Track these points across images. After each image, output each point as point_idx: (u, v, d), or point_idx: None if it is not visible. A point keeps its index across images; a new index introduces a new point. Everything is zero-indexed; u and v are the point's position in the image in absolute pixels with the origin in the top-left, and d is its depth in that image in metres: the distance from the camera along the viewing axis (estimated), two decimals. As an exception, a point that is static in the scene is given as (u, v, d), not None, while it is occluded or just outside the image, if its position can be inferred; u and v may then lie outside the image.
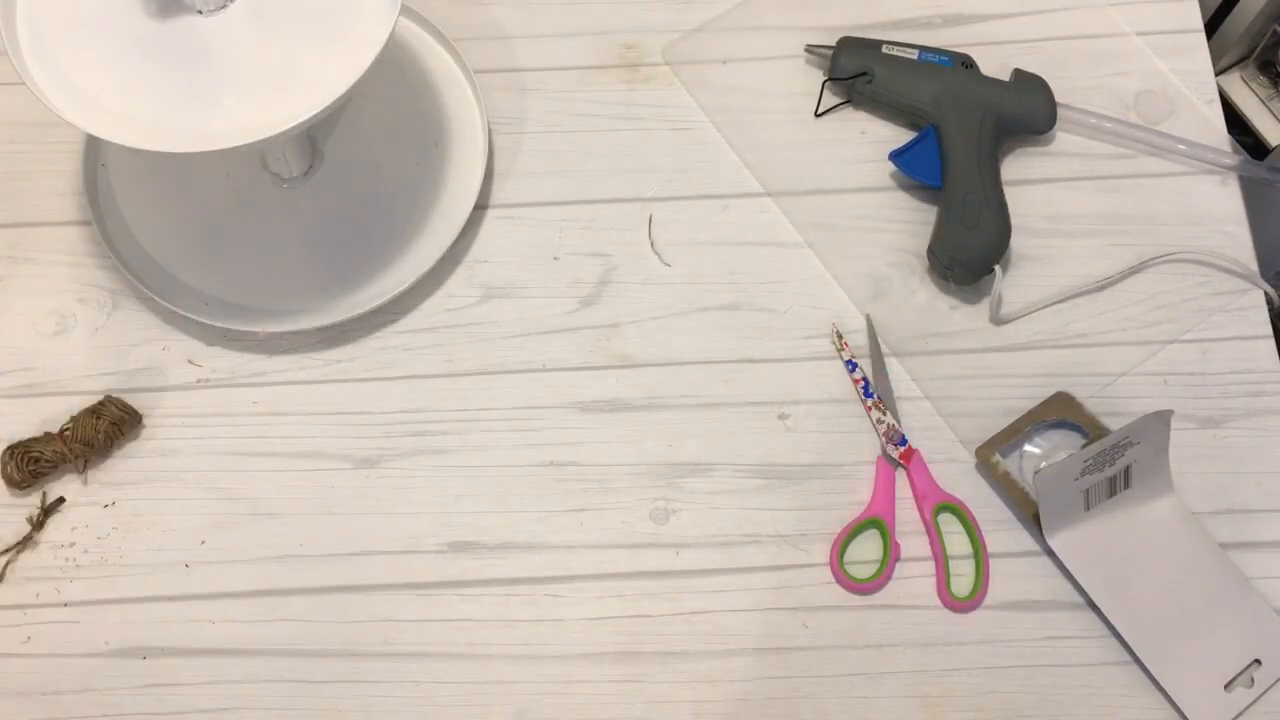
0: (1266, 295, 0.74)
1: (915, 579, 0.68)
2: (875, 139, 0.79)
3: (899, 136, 0.79)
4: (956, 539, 0.68)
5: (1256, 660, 0.65)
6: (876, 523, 0.68)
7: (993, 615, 0.67)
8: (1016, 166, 0.78)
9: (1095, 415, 0.70)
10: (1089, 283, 0.74)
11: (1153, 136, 0.78)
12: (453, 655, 0.66)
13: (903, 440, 0.70)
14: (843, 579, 0.67)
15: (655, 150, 0.79)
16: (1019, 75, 0.78)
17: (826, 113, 0.80)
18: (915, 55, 0.78)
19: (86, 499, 0.69)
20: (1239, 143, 0.80)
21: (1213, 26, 1.10)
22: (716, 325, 0.74)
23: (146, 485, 0.70)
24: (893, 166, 0.76)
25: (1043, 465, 0.69)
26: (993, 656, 0.66)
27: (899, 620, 0.67)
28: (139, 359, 0.73)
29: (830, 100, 0.80)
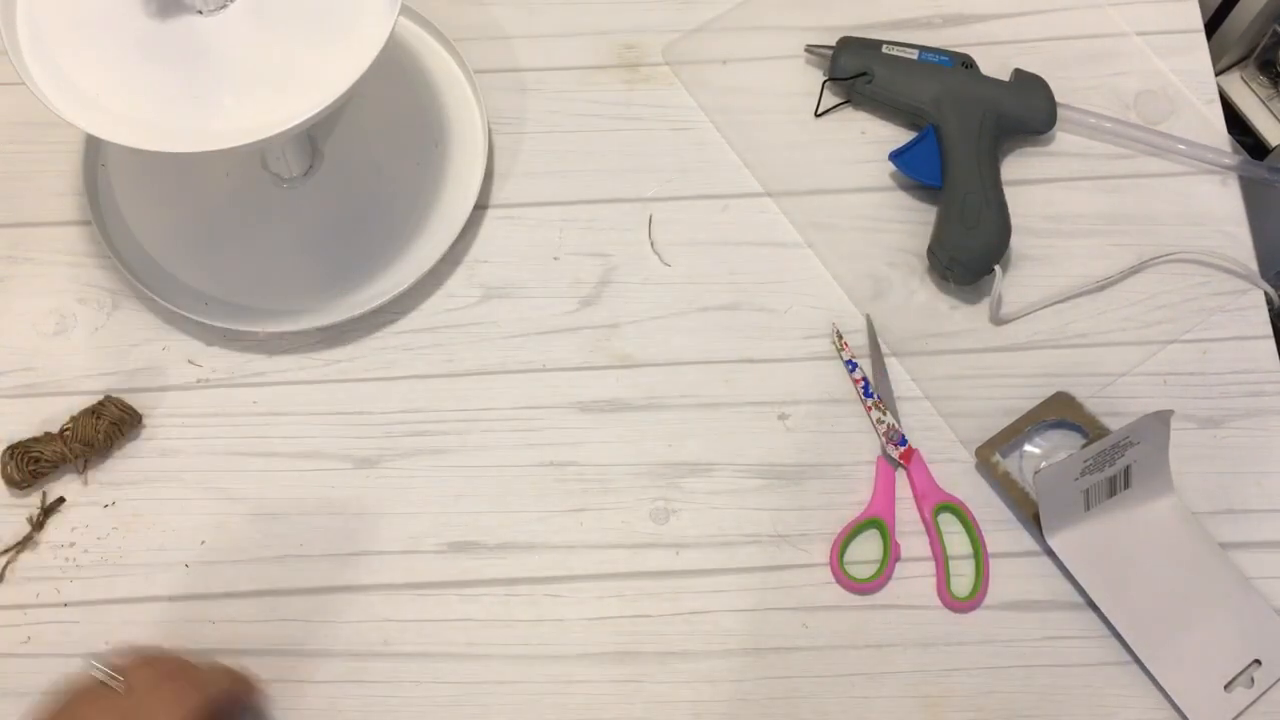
0: (1266, 295, 0.74)
1: (915, 579, 0.68)
2: (875, 139, 0.79)
3: (899, 136, 0.79)
4: (956, 539, 0.68)
5: (1256, 660, 0.65)
6: (876, 523, 0.68)
7: (993, 615, 0.67)
8: (1016, 166, 0.78)
9: (1095, 415, 0.70)
10: (1089, 283, 0.74)
11: (1153, 136, 0.78)
12: (453, 655, 0.66)
13: (903, 440, 0.70)
14: (843, 579, 0.67)
15: (655, 150, 0.79)
16: (1019, 75, 0.78)
17: (826, 113, 0.80)
18: (915, 55, 0.78)
19: (86, 499, 0.69)
20: (1239, 143, 0.80)
21: (1213, 26, 1.10)
22: (716, 325, 0.74)
23: (146, 485, 0.70)
24: (893, 166, 0.76)
25: (1043, 465, 0.69)
26: (993, 656, 0.66)
27: (899, 620, 0.67)
28: (139, 359, 0.73)
29: (830, 100, 0.80)
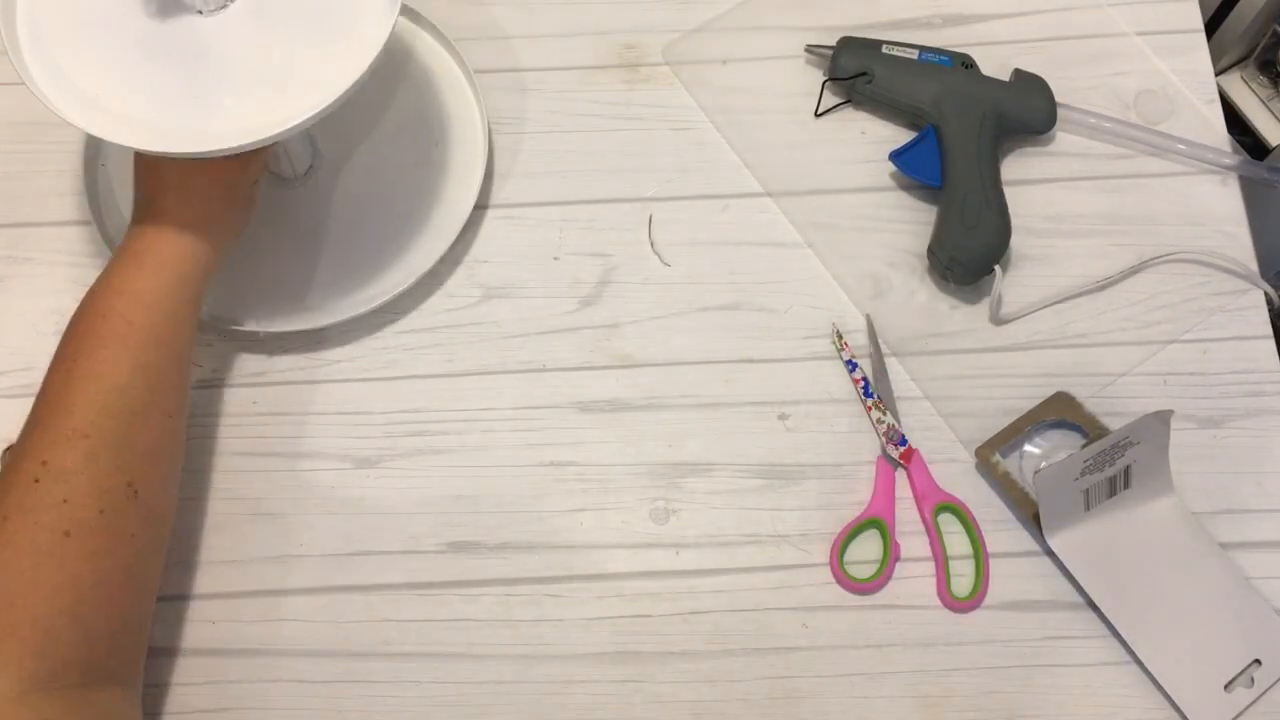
0: (1266, 295, 0.74)
1: (915, 579, 0.68)
2: (875, 139, 0.79)
3: (899, 136, 0.79)
4: (956, 539, 0.68)
5: (1256, 660, 0.65)
6: (876, 523, 0.68)
7: (993, 615, 0.67)
8: (1016, 166, 0.78)
9: (1095, 415, 0.70)
10: (1089, 283, 0.74)
11: (1153, 136, 0.78)
12: (453, 655, 0.66)
13: (903, 440, 0.70)
14: (843, 579, 0.67)
15: (655, 150, 0.79)
16: (1019, 75, 0.78)
17: (826, 113, 0.80)
18: (915, 55, 0.78)
19: (86, 499, 0.69)
20: (1239, 143, 0.80)
21: (1213, 26, 1.10)
22: (716, 325, 0.73)
23: (146, 485, 0.69)
24: (893, 166, 0.76)
25: (1043, 465, 0.69)
26: (993, 656, 0.66)
27: (899, 620, 0.67)
28: (139, 359, 0.73)
29: (830, 100, 0.80)
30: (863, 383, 0.72)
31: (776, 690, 0.65)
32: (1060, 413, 0.70)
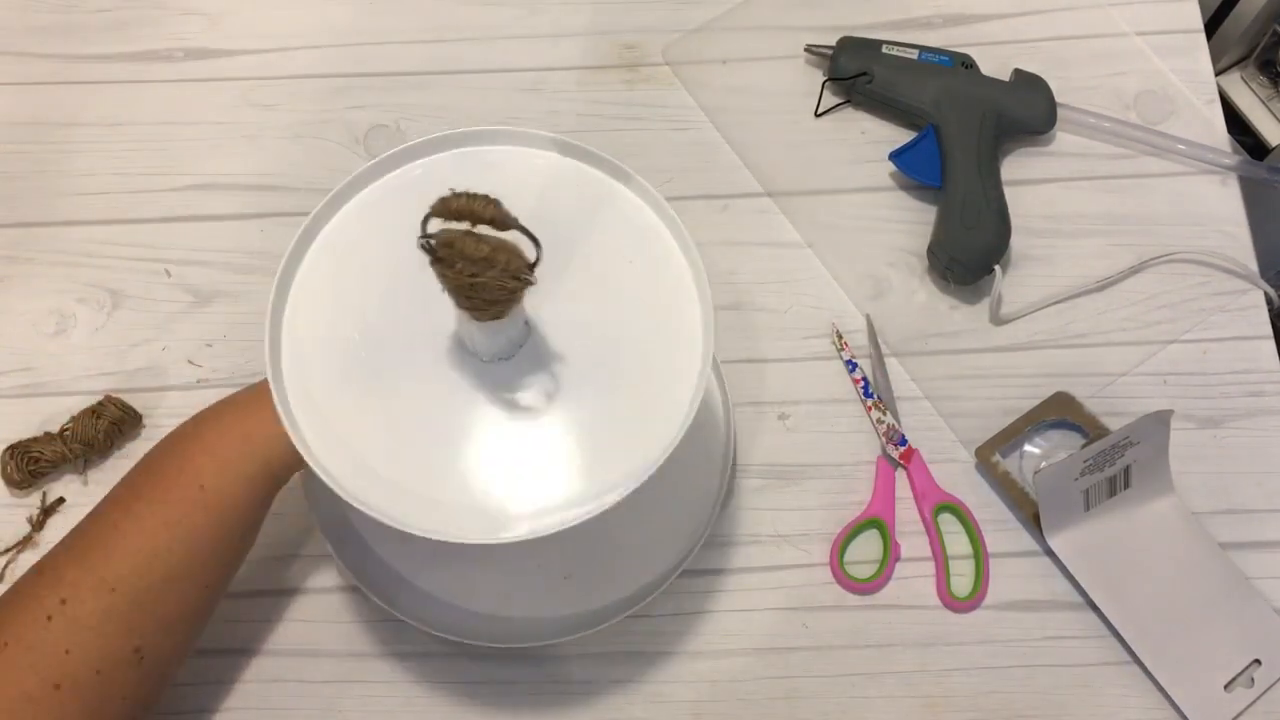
0: (1266, 295, 0.74)
1: (915, 579, 0.68)
2: (875, 139, 0.79)
3: (899, 136, 0.79)
4: (956, 539, 0.68)
5: (1256, 660, 0.65)
6: (876, 523, 0.68)
7: (993, 615, 0.67)
8: (1016, 166, 0.78)
9: (1095, 415, 0.70)
10: (1089, 283, 0.74)
11: (1153, 136, 0.78)
12: (452, 655, 0.66)
13: (903, 440, 0.70)
14: (843, 579, 0.67)
15: (655, 150, 0.79)
16: (1019, 75, 0.78)
17: (826, 113, 0.80)
18: (915, 55, 0.78)
19: (86, 499, 0.69)
20: (1239, 143, 0.80)
21: (1213, 26, 1.10)
22: (716, 325, 0.73)
23: (146, 485, 0.69)
24: (893, 166, 0.76)
25: (1043, 465, 0.69)
26: (993, 656, 0.66)
27: (899, 620, 0.67)
28: (139, 359, 0.73)
29: (830, 100, 0.80)
30: (863, 383, 0.72)
31: (776, 690, 0.65)
32: (1060, 413, 0.70)
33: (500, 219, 0.45)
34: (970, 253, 0.72)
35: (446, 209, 0.45)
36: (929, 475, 0.69)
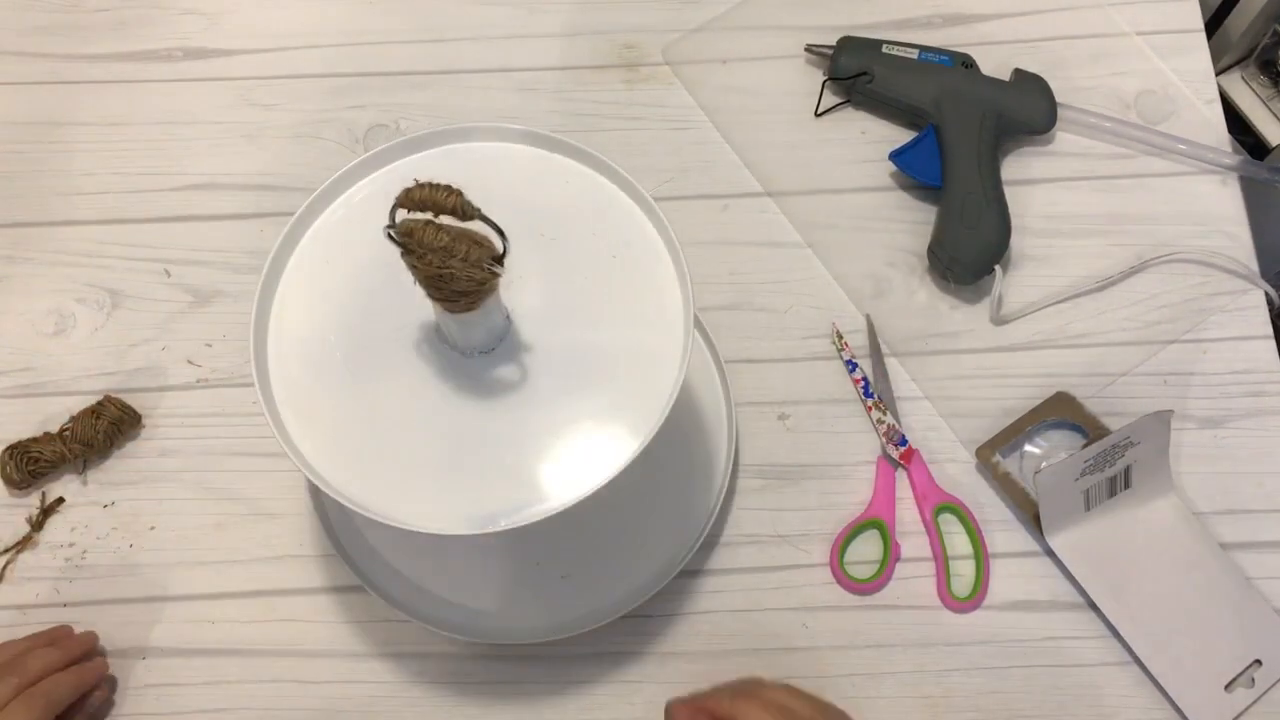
0: (1266, 295, 0.74)
1: (915, 579, 0.68)
2: (875, 139, 0.79)
3: (899, 136, 0.79)
4: (956, 539, 0.68)
5: (1257, 660, 0.65)
6: (876, 523, 0.68)
7: (993, 615, 0.67)
8: (1016, 166, 0.78)
9: (1095, 415, 0.70)
10: (1089, 283, 0.74)
11: (1153, 136, 0.78)
12: (452, 655, 0.66)
13: (903, 440, 0.70)
14: (843, 579, 0.67)
15: (655, 150, 0.79)
16: (1019, 75, 0.78)
17: (826, 113, 0.80)
18: (915, 55, 0.78)
19: (86, 499, 0.69)
20: (1239, 143, 0.80)
21: (1213, 26, 1.10)
22: (716, 325, 0.73)
23: (146, 485, 0.69)
24: (893, 166, 0.76)
25: (1043, 465, 0.69)
26: (993, 656, 0.66)
27: (899, 620, 0.67)
28: (139, 359, 0.73)
29: (830, 100, 0.80)
30: (863, 383, 0.72)
31: (776, 690, 0.65)
32: (1060, 413, 0.70)
33: (461, 209, 0.45)
34: (970, 253, 0.72)
35: (410, 199, 0.45)
36: (929, 475, 0.69)
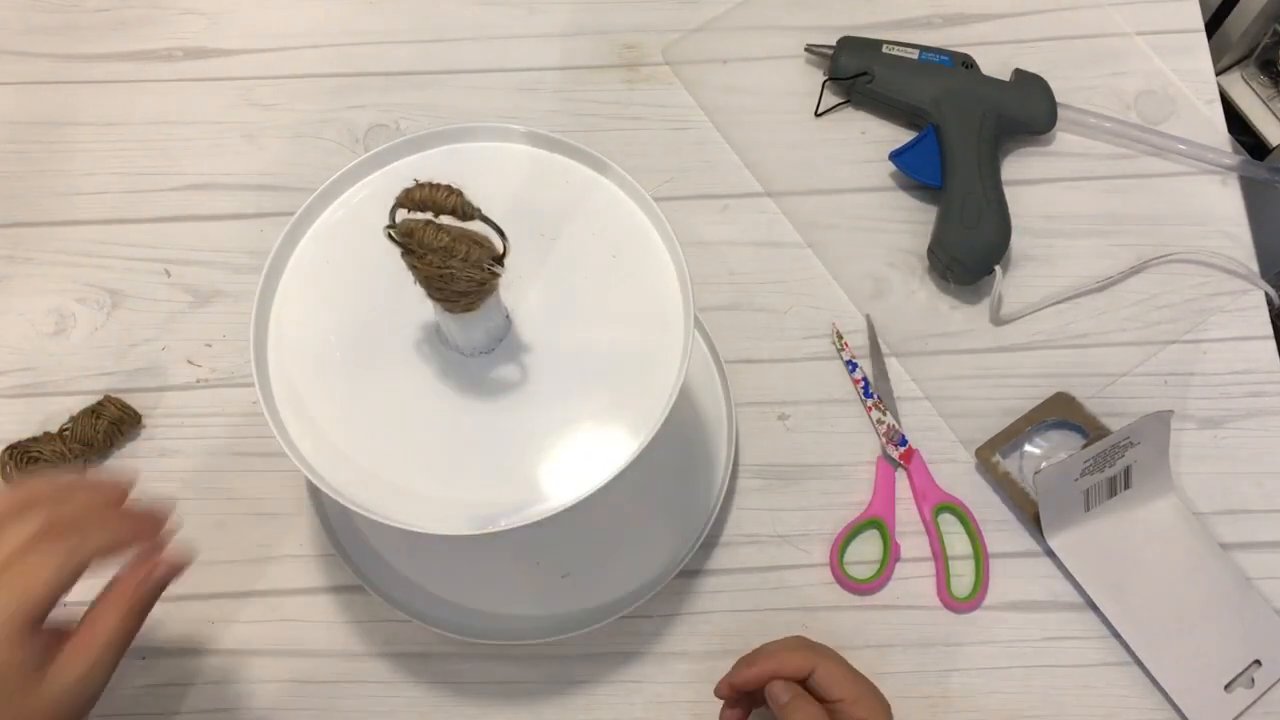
0: (1266, 295, 0.74)
1: (915, 579, 0.68)
2: (875, 139, 0.79)
3: (899, 136, 0.79)
4: (956, 539, 0.68)
5: (1256, 660, 0.65)
6: (876, 523, 0.68)
7: (993, 615, 0.67)
8: (1016, 166, 0.78)
9: (1095, 415, 0.70)
10: (1089, 283, 0.74)
11: (1153, 136, 0.78)
12: (452, 655, 0.66)
13: (903, 440, 0.70)
14: (843, 579, 0.67)
15: (655, 150, 0.79)
16: (1019, 75, 0.78)
17: (826, 113, 0.80)
18: (915, 55, 0.78)
19: (86, 499, 0.69)
20: (1239, 143, 0.80)
21: (1213, 26, 1.10)
22: (716, 325, 0.73)
23: (146, 485, 0.69)
24: (893, 166, 0.76)
25: (1043, 465, 0.69)
26: (993, 656, 0.66)
27: (899, 620, 0.67)
28: (138, 359, 0.73)
29: (830, 100, 0.80)
30: (863, 383, 0.72)
31: (776, 690, 0.65)
32: (1060, 413, 0.70)
33: (461, 209, 0.45)
34: (970, 253, 0.72)
35: (410, 200, 0.45)
36: (929, 475, 0.69)
